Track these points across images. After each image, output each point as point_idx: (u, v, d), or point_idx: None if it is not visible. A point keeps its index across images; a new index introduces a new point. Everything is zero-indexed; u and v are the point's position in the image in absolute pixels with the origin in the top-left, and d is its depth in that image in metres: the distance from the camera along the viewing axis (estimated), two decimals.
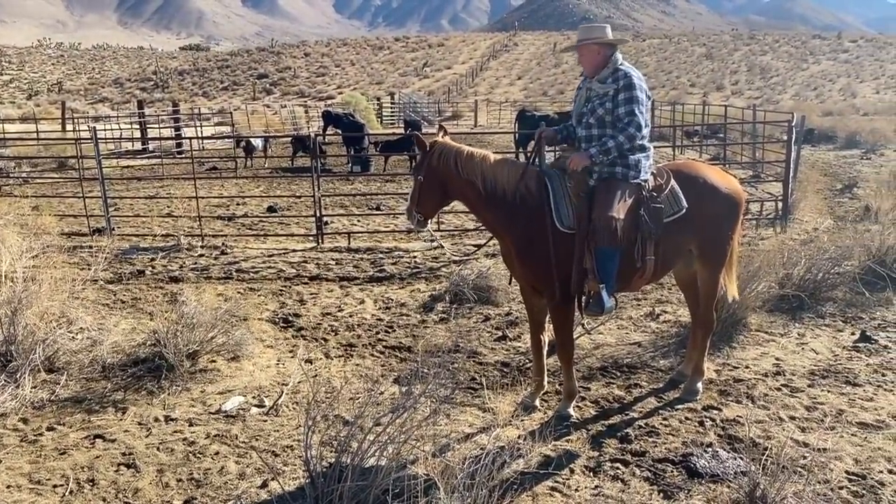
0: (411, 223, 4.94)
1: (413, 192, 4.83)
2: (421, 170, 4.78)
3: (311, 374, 5.91)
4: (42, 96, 75.62)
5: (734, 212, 4.94)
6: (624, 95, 4.53)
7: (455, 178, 4.69)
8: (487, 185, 4.63)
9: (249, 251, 10.10)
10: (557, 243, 4.53)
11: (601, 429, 4.77)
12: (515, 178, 4.62)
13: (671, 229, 4.64)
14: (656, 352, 6.09)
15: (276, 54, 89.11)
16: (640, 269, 4.66)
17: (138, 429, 5.02)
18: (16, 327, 5.66)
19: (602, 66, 4.65)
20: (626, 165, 4.59)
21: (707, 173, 4.96)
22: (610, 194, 4.50)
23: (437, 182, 4.74)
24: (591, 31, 4.73)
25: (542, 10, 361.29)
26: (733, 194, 4.91)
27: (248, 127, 30.57)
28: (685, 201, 4.68)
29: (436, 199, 4.86)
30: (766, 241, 10.02)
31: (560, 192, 4.57)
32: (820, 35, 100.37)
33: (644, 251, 4.60)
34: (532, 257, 4.62)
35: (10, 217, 9.47)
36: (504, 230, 4.73)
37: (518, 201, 4.60)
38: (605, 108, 4.59)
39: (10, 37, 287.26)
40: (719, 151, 19.90)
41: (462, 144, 4.84)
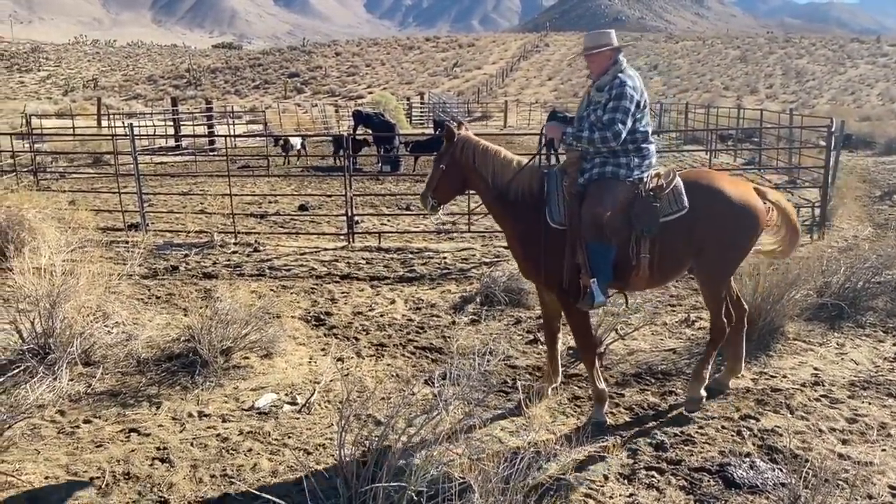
0: (425, 207, 5.18)
1: (431, 179, 5.10)
2: (444, 159, 5.04)
3: (343, 372, 5.92)
4: (78, 92, 76.93)
5: (746, 226, 4.80)
6: (611, 104, 4.66)
7: (471, 170, 4.98)
8: (496, 180, 4.90)
9: (282, 249, 10.16)
10: (550, 239, 4.75)
11: (636, 436, 4.71)
12: (522, 179, 4.88)
13: (671, 230, 4.68)
14: (691, 359, 5.99)
15: (307, 53, 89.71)
16: (635, 267, 4.74)
17: (172, 423, 5.06)
18: (54, 320, 5.74)
19: (606, 71, 4.77)
20: (617, 164, 4.73)
21: (720, 182, 4.88)
22: (599, 192, 4.67)
23: (457, 172, 5.02)
24: (598, 39, 4.83)
25: (573, 10, 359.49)
26: (747, 208, 4.78)
27: (279, 126, 30.78)
28: (686, 202, 4.70)
29: (453, 188, 5.17)
30: (803, 248, 9.85)
31: (555, 190, 4.80)
32: (858, 38, 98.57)
33: (638, 249, 4.69)
34: (528, 251, 4.92)
35: (48, 211, 9.62)
36: (506, 224, 5.04)
37: (519, 198, 4.86)
38: (596, 115, 4.73)
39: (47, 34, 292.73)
40: (754, 155, 19.63)
41: (483, 140, 5.08)
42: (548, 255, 4.78)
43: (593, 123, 4.69)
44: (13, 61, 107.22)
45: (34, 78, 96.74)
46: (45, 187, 14.59)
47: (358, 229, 11.00)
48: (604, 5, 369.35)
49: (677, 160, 21.23)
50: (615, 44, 4.81)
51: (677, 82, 70.52)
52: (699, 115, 29.15)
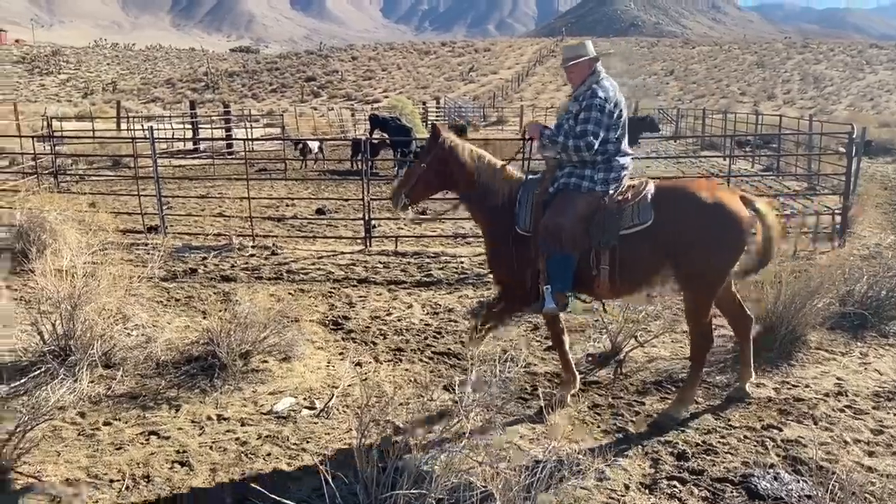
0: (396, 205, 5.19)
1: (408, 178, 5.15)
2: (427, 158, 5.07)
3: (361, 377, 5.91)
4: (97, 95, 77.69)
5: (727, 238, 4.63)
6: (583, 115, 4.73)
7: (457, 170, 5.04)
8: (479, 182, 5.02)
9: (299, 252, 10.19)
10: (516, 244, 4.89)
11: (657, 445, 4.66)
12: (503, 184, 5.01)
13: (634, 241, 4.67)
14: (712, 367, 5.93)
15: (324, 58, 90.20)
16: (596, 277, 4.78)
17: (192, 427, 5.07)
18: (75, 322, 5.77)
19: (583, 82, 4.85)
20: (581, 176, 4.79)
21: (697, 192, 4.70)
22: (562, 202, 4.77)
23: (439, 172, 5.08)
24: (575, 51, 4.90)
25: (589, 15, 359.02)
26: (728, 220, 4.60)
27: (297, 129, 30.90)
28: (652, 215, 4.63)
29: (430, 188, 5.23)
30: (824, 256, 9.75)
31: (525, 198, 4.91)
32: (877, 44, 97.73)
33: (598, 260, 4.73)
34: (497, 254, 5.10)
35: (68, 213, 9.70)
36: (481, 225, 5.24)
37: (496, 201, 4.99)
38: (568, 124, 4.84)
39: (67, 37, 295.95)
40: (772, 161, 19.48)
41: (466, 142, 5.21)
42: (511, 259, 4.94)
43: (567, 131, 4.81)
44: (34, 64, 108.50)
45: (54, 81, 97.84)
46: (66, 189, 14.71)
47: (375, 233, 11.01)
48: (620, 10, 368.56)
49: (694, 165, 21.11)
50: (592, 54, 4.87)
51: (693, 87, 70.30)
52: (717, 121, 28.96)
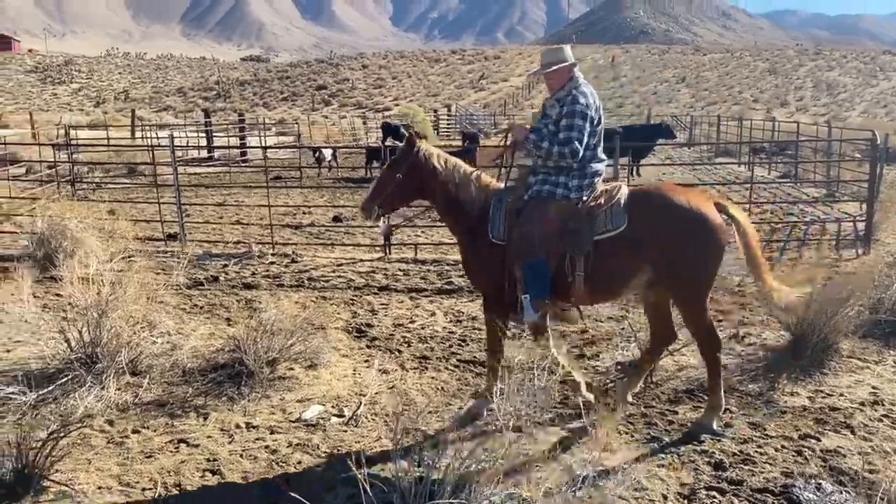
0: (368, 216, 5.12)
1: (380, 187, 5.04)
2: (402, 168, 5.00)
3: (389, 385, 5.88)
4: (109, 104, 78.25)
5: (702, 242, 4.59)
6: (565, 122, 4.72)
7: (432, 180, 4.99)
8: (456, 191, 4.99)
9: (319, 260, 10.17)
10: (490, 253, 4.85)
11: (693, 455, 4.59)
12: (478, 193, 4.99)
13: (608, 247, 4.65)
14: (743, 375, 5.87)
15: (334, 66, 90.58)
16: (571, 284, 4.75)
17: (221, 435, 5.04)
18: (101, 330, 5.76)
19: (562, 87, 4.85)
20: (556, 184, 4.79)
21: (670, 196, 4.68)
22: (535, 210, 4.75)
23: (415, 181, 5.01)
24: (554, 56, 4.90)
25: (599, 23, 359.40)
26: (702, 223, 4.57)
27: (310, 137, 30.99)
28: (625, 220, 4.61)
29: (404, 198, 5.17)
30: (848, 264, 9.66)
31: (499, 206, 4.89)
32: (890, 51, 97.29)
33: (573, 266, 4.69)
34: (472, 263, 5.10)
35: (89, 221, 9.73)
36: (457, 235, 5.18)
37: (472, 210, 4.96)
38: (547, 129, 4.85)
39: (80, 47, 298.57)
40: (790, 169, 19.36)
41: (441, 151, 5.19)
42: (486, 268, 4.94)
43: (550, 137, 4.78)
44: (47, 74, 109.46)
45: (66, 90, 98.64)
46: (83, 197, 14.75)
47: (393, 240, 10.97)
48: (629, 18, 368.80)
49: (709, 172, 21.01)
50: (570, 60, 4.86)
51: (705, 95, 70.09)
52: (731, 128, 28.85)
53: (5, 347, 6.60)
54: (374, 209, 5.04)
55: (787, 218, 13.47)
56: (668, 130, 20.57)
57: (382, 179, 5.08)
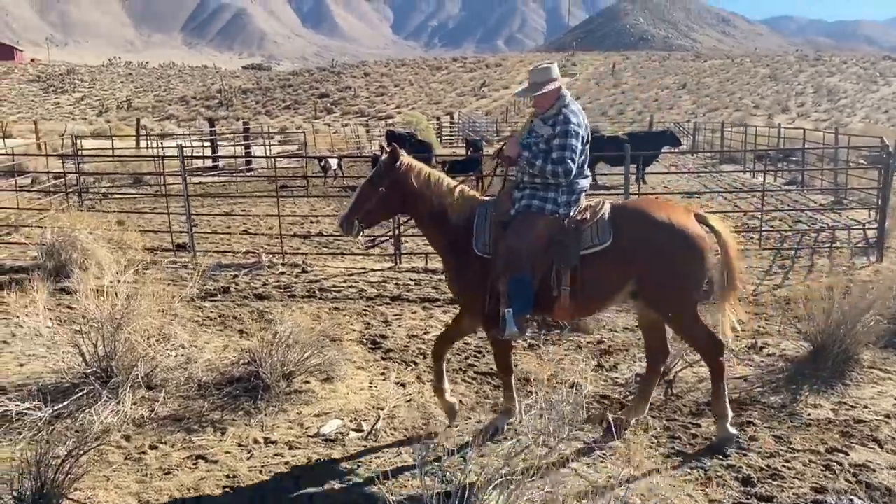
0: (347, 231, 4.92)
1: (361, 201, 4.86)
2: (384, 180, 4.85)
3: (406, 398, 5.82)
4: (112, 113, 78.36)
5: (685, 255, 4.62)
6: (558, 142, 4.68)
7: (415, 194, 4.87)
8: (439, 205, 4.88)
9: (329, 270, 10.12)
10: (475, 267, 4.78)
11: (720, 469, 4.53)
12: (462, 205, 4.89)
13: (594, 262, 4.63)
14: (765, 387, 5.81)
15: (336, 74, 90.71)
16: (557, 298, 4.70)
17: (239, 450, 4.98)
18: (116, 343, 5.71)
19: (551, 105, 4.79)
20: (544, 199, 4.75)
21: (654, 211, 4.72)
22: (522, 224, 4.69)
23: (397, 195, 4.88)
24: (544, 75, 4.81)
25: (598, 30, 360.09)
26: (685, 236, 4.61)
27: (314, 146, 30.99)
28: (610, 235, 4.62)
29: (386, 212, 5.12)
30: (862, 272, 9.61)
31: (483, 219, 4.82)
32: (890, 56, 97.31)
33: (559, 281, 4.65)
34: (457, 277, 4.97)
35: (99, 232, 9.69)
36: (441, 249, 5.04)
37: (456, 224, 4.87)
38: (538, 147, 4.77)
39: (82, 56, 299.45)
40: (795, 175, 19.30)
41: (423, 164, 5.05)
42: (473, 282, 4.82)
43: (543, 156, 4.70)
44: (49, 83, 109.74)
45: (69, 99, 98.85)
46: (90, 207, 14.72)
47: (403, 250, 10.93)
48: (629, 24, 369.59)
49: (715, 179, 20.96)
50: (558, 79, 4.80)
51: (707, 101, 70.09)
52: (735, 135, 28.80)
53: (18, 361, 6.55)
54: (354, 224, 4.87)
55: (797, 225, 13.42)
56: (673, 137, 20.50)
57: (363, 193, 4.89)
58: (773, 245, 11.41)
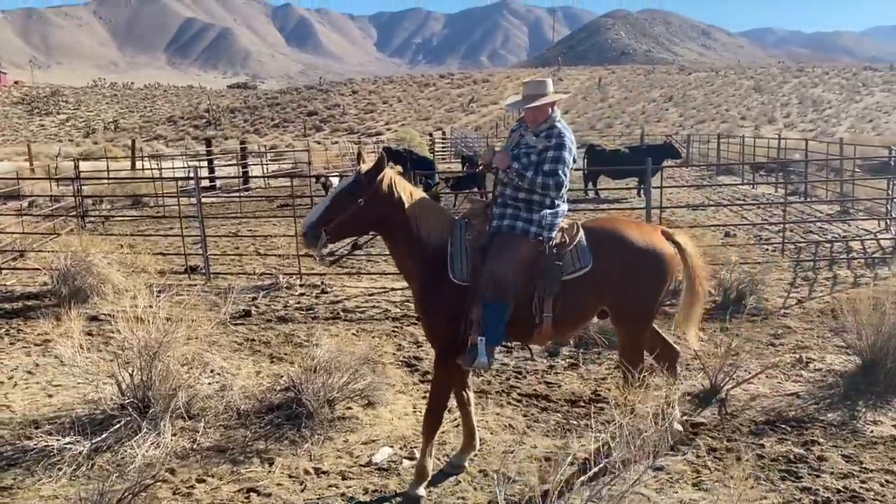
0: (311, 244, 4.38)
1: (331, 211, 4.32)
2: (363, 192, 4.34)
3: (453, 423, 5.65)
4: (99, 134, 77.98)
5: (655, 272, 4.62)
6: (552, 154, 4.49)
7: (395, 210, 4.43)
8: (420, 226, 4.45)
9: (349, 290, 9.94)
10: (451, 295, 4.39)
11: (796, 492, 4.39)
12: (440, 227, 4.50)
13: (574, 286, 4.47)
14: (819, 403, 5.69)
15: (324, 92, 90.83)
16: (538, 325, 4.48)
17: (291, 482, 4.80)
18: (152, 372, 5.52)
19: (544, 120, 4.61)
20: (529, 221, 4.50)
21: (625, 231, 4.67)
22: (504, 248, 4.40)
23: (375, 209, 4.38)
24: (537, 88, 4.65)
25: (580, 45, 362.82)
26: (655, 254, 4.61)
27: (310, 163, 30.83)
28: (591, 259, 4.49)
29: (359, 228, 4.58)
30: (886, 282, 9.55)
31: (458, 244, 4.46)
32: (871, 66, 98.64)
33: (542, 308, 4.43)
34: (428, 306, 4.53)
35: (113, 256, 9.50)
36: (414, 274, 4.56)
37: (432, 249, 4.45)
38: (529, 159, 4.55)
39: (66, 78, 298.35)
40: (798, 186, 19.34)
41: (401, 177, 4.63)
42: (444, 312, 4.43)
43: (534, 167, 4.50)
44: (34, 105, 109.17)
45: (54, 121, 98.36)
46: (93, 230, 14.49)
47: None
48: (611, 39, 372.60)
49: (715, 192, 20.96)
50: (552, 93, 4.66)
51: (693, 113, 70.73)
52: (733, 146, 28.89)
53: (46, 392, 6.35)
54: (321, 236, 4.33)
55: (808, 236, 13.40)
56: (674, 150, 20.50)
57: (337, 202, 4.34)
58: (790, 257, 11.36)
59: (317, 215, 4.34)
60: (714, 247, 9.78)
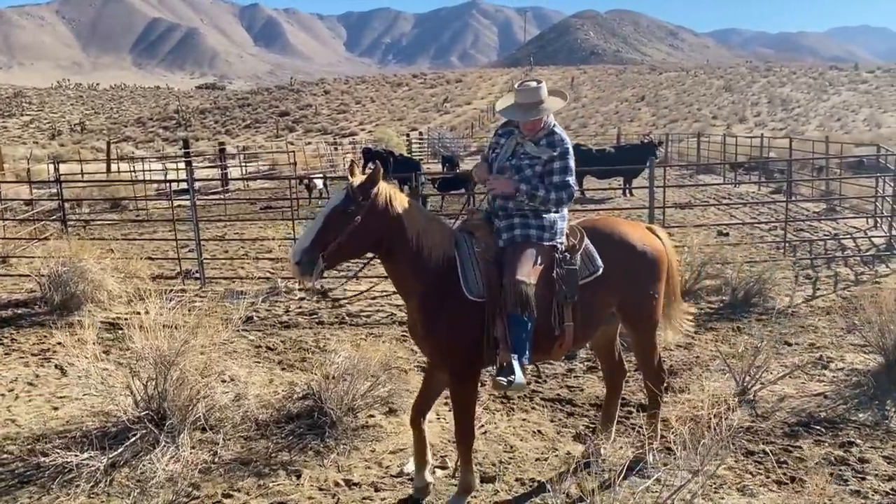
0: (305, 273, 3.90)
1: (324, 234, 3.87)
2: (359, 208, 3.93)
3: (481, 430, 5.52)
4: (65, 136, 76.40)
5: (654, 269, 4.64)
6: (560, 164, 4.27)
7: (394, 226, 4.03)
8: (420, 241, 4.08)
9: (350, 293, 9.74)
10: (466, 313, 4.09)
11: (846, 496, 4.32)
12: (441, 240, 4.16)
13: (588, 291, 4.30)
14: (848, 404, 5.66)
15: (295, 92, 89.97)
16: (559, 337, 4.25)
17: (321, 495, 4.64)
18: (167, 382, 5.31)
19: (543, 126, 4.34)
20: (541, 227, 4.28)
21: (623, 230, 4.65)
22: (521, 257, 4.13)
23: (373, 229, 3.97)
24: (532, 95, 4.29)
25: (550, 45, 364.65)
26: (652, 251, 4.63)
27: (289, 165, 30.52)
28: (600, 261, 4.37)
29: (358, 249, 4.12)
30: (888, 279, 9.62)
31: (467, 258, 4.16)
32: (836, 66, 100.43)
33: (562, 317, 4.21)
34: (438, 327, 4.15)
35: (106, 261, 9.20)
36: (414, 293, 4.20)
37: (434, 265, 4.11)
38: (533, 171, 4.28)
39: (28, 79, 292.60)
40: (781, 185, 19.53)
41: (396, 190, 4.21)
42: (459, 331, 4.11)
43: (541, 180, 4.26)
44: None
45: (17, 123, 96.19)
46: (75, 235, 14.10)
47: None
48: (580, 39, 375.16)
49: (700, 191, 21.07)
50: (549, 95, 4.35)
51: (666, 112, 71.30)
52: (714, 146, 29.11)
53: (51, 405, 6.09)
54: (318, 263, 3.88)
55: (800, 235, 13.48)
56: (654, 149, 20.50)
57: (331, 223, 3.89)
58: (789, 255, 11.39)
59: (309, 239, 3.87)
60: (713, 246, 9.76)
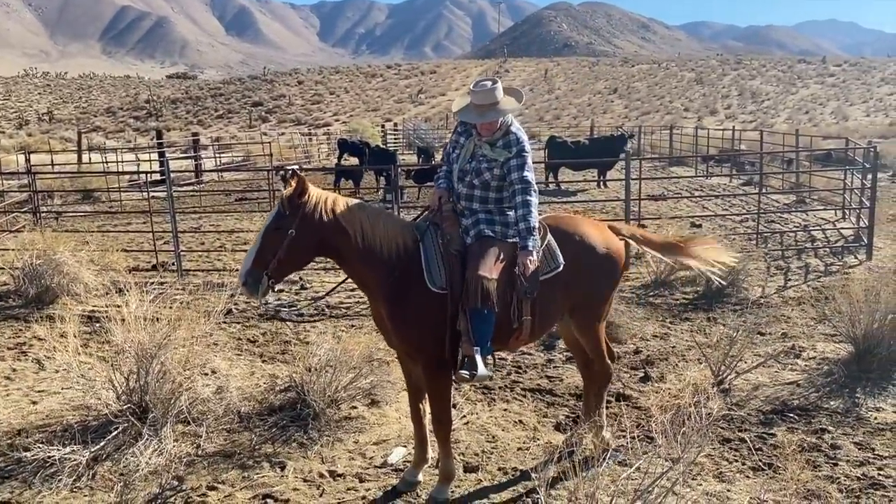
0: (253, 292, 4.07)
1: (265, 251, 4.03)
2: (291, 220, 4.04)
3: (462, 420, 5.59)
4: (33, 125, 74.95)
5: (612, 270, 4.73)
6: (517, 161, 4.31)
7: (332, 229, 4.12)
8: (366, 238, 4.17)
9: (328, 285, 9.72)
10: (430, 305, 4.18)
11: (819, 482, 4.44)
12: (393, 233, 4.25)
13: (549, 287, 4.39)
14: (819, 392, 5.81)
15: (269, 82, 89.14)
16: (517, 330, 4.36)
17: (307, 486, 4.67)
18: (149, 375, 5.30)
19: (498, 127, 4.38)
20: (505, 224, 4.38)
21: (585, 229, 4.71)
22: (483, 253, 4.22)
23: (310, 236, 4.08)
24: (488, 97, 4.29)
25: (523, 37, 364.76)
26: (612, 253, 4.70)
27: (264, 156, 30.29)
28: (562, 258, 4.46)
29: (304, 258, 4.29)
30: (855, 270, 9.84)
31: (432, 251, 4.25)
32: (805, 59, 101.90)
33: (520, 311, 4.31)
34: (404, 319, 4.23)
35: (82, 254, 9.11)
36: (376, 288, 4.26)
37: (393, 258, 4.20)
38: (492, 174, 4.36)
39: None
40: (751, 177, 19.82)
41: (327, 191, 4.34)
42: (424, 323, 4.20)
43: (487, 182, 4.34)
44: None
45: None
46: (48, 227, 13.90)
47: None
48: (553, 31, 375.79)
49: (673, 183, 21.32)
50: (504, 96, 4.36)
51: (638, 105, 71.85)
52: (686, 138, 29.42)
53: (29, 399, 6.04)
54: (263, 280, 4.04)
55: (771, 226, 13.72)
56: (625, 141, 20.63)
57: (267, 240, 4.04)
58: (761, 247, 11.60)
59: (251, 260, 4.03)
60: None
